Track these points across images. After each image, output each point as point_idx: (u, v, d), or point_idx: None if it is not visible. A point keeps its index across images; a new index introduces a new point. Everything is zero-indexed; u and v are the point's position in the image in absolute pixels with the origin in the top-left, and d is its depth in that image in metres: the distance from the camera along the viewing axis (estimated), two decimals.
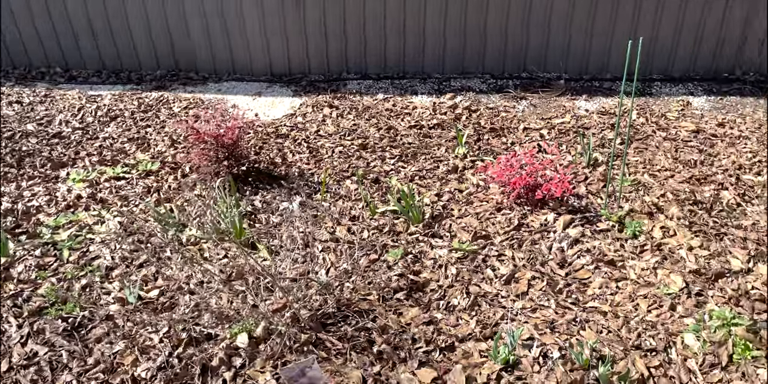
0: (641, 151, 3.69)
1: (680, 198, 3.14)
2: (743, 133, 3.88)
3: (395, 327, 2.30)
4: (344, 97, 4.62)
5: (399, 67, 4.98)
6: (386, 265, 2.69)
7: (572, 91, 4.67)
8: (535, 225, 2.99)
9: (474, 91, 4.74)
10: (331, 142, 3.91)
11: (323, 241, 2.84)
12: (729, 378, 2.07)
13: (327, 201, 3.21)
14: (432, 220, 3.05)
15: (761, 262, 2.65)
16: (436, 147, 3.86)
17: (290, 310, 2.26)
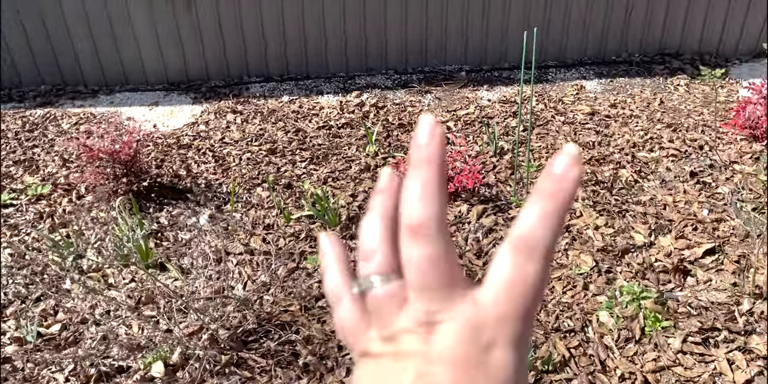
0: (543, 137, 3.81)
1: (583, 179, 3.26)
2: (634, 112, 4.09)
3: (320, 336, 2.25)
4: (248, 101, 4.48)
5: (302, 68, 4.89)
6: (306, 272, 2.62)
7: (474, 82, 4.76)
8: (449, 217, 3.01)
9: (380, 87, 4.73)
10: (237, 149, 3.78)
11: (237, 254, 2.74)
12: (643, 350, 2.17)
13: (238, 211, 3.10)
14: (349, 221, 3.02)
15: (662, 235, 2.80)
16: (347, 147, 3.82)
17: (207, 332, 2.16)
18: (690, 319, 2.27)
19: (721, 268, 2.58)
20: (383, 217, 0.37)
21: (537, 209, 0.33)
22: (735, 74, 4.72)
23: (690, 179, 3.26)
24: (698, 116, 4.01)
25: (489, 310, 0.32)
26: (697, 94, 4.38)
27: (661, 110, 4.12)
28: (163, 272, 2.63)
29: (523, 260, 0.32)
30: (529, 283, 0.32)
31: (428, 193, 0.34)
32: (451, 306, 0.33)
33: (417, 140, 0.35)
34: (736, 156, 3.47)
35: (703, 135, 3.73)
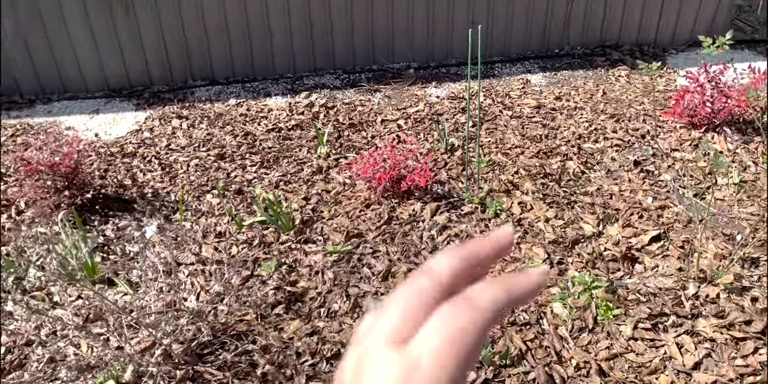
0: (492, 132, 3.86)
1: (532, 173, 3.32)
2: (578, 104, 4.18)
3: (278, 344, 2.22)
4: (193, 105, 4.39)
5: (248, 69, 4.81)
6: (260, 280, 2.59)
7: (422, 79, 4.78)
8: (404, 216, 3.02)
9: (328, 87, 4.70)
10: (185, 156, 3.69)
11: (189, 264, 2.68)
12: (596, 339, 2.22)
13: (188, 220, 3.03)
14: (303, 225, 2.99)
15: (609, 224, 2.88)
16: (298, 149, 3.78)
17: (160, 347, 2.10)
18: (639, 306, 2.34)
19: (666, 254, 2.66)
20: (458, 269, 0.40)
21: (491, 282, 0.37)
22: (672, 63, 4.88)
23: (634, 168, 3.36)
24: (639, 106, 4.13)
25: (413, 362, 0.34)
26: (637, 84, 4.51)
27: (603, 101, 4.23)
28: (111, 287, 2.55)
29: (462, 318, 0.35)
30: (463, 341, 0.34)
31: (458, 256, 0.40)
32: (381, 350, 0.35)
33: (490, 237, 0.42)
34: (676, 144, 3.59)
35: (645, 124, 3.84)
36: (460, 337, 0.34)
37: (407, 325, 0.35)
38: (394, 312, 0.36)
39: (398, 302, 0.37)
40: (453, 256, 0.39)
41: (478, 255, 0.40)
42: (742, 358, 2.09)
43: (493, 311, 0.35)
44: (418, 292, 0.37)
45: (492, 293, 0.36)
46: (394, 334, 0.35)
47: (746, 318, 2.24)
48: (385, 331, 0.36)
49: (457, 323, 0.34)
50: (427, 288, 0.37)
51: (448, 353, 0.34)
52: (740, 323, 2.23)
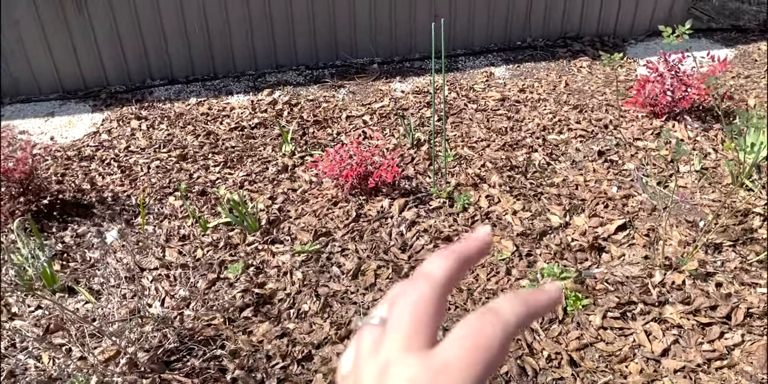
0: (458, 125, 3.85)
1: (498, 165, 3.33)
2: (542, 95, 4.21)
3: (247, 348, 2.17)
4: (152, 106, 4.28)
5: (208, 67, 4.71)
6: (227, 283, 2.53)
7: (386, 74, 4.75)
8: (372, 213, 2.99)
9: (291, 84, 4.63)
10: (145, 158, 3.59)
11: (152, 269, 2.60)
12: (567, 329, 2.24)
13: (150, 224, 2.95)
14: (269, 225, 2.94)
15: (576, 215, 2.90)
16: (262, 147, 3.72)
17: (125, 356, 2.04)
18: (608, 295, 2.36)
19: (632, 243, 2.69)
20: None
21: (512, 296, 0.39)
22: (632, 53, 4.94)
23: (598, 158, 3.39)
24: (601, 96, 4.18)
25: (439, 366, 0.34)
26: (599, 74, 4.56)
27: (566, 92, 4.26)
28: (72, 296, 2.46)
29: (488, 326, 0.36)
30: (488, 347, 0.35)
31: (450, 258, 0.40)
32: (404, 357, 0.35)
33: (471, 237, 0.42)
34: (638, 133, 3.63)
35: (608, 114, 3.88)
36: (486, 345, 0.35)
37: (420, 332, 0.36)
38: (404, 321, 0.37)
39: (405, 311, 0.37)
40: (446, 258, 0.40)
41: (467, 255, 0.41)
42: (708, 343, 2.13)
43: (515, 323, 0.37)
44: (422, 298, 0.38)
45: (515, 306, 0.38)
46: (410, 343, 0.36)
47: (711, 303, 2.28)
48: (400, 340, 0.36)
49: (484, 332, 0.35)
50: (430, 293, 0.38)
51: (475, 360, 0.34)
52: (706, 309, 2.26)
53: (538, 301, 0.39)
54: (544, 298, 0.39)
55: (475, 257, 0.42)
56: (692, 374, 2.03)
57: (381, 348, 0.36)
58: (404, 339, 0.36)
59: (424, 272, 0.39)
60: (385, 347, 0.36)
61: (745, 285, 2.38)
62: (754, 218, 2.76)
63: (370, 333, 0.38)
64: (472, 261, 0.41)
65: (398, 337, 0.36)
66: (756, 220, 2.74)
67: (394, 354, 0.36)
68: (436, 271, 0.39)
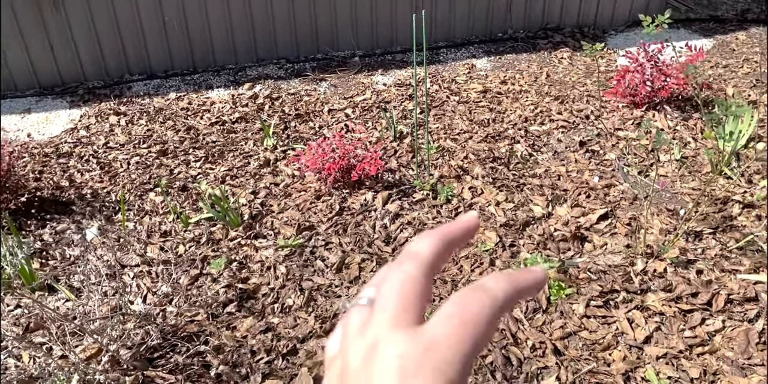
0: (440, 118, 3.85)
1: (481, 157, 3.33)
2: (523, 87, 4.21)
3: (231, 343, 2.16)
4: (131, 101, 4.22)
5: (187, 62, 4.65)
6: (210, 278, 2.51)
7: (368, 67, 4.73)
8: (356, 206, 2.98)
9: (272, 78, 4.59)
10: (124, 154, 3.55)
11: (134, 266, 2.57)
12: (551, 319, 2.25)
13: (131, 220, 2.91)
14: (252, 220, 2.91)
15: (558, 205, 2.91)
16: (244, 142, 3.68)
17: (107, 353, 2.01)
18: (591, 284, 2.38)
19: (614, 232, 2.71)
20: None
21: (499, 274, 0.38)
22: (612, 44, 4.97)
23: (580, 149, 3.41)
24: (582, 87, 4.20)
25: (428, 342, 0.34)
26: (579, 65, 4.58)
27: (548, 84, 4.27)
28: (52, 294, 2.43)
29: (477, 303, 0.35)
30: (477, 323, 0.35)
31: (436, 238, 0.40)
32: (393, 334, 0.35)
33: (457, 220, 0.42)
34: (619, 123, 3.66)
35: (589, 105, 3.90)
36: (475, 321, 0.35)
37: (408, 311, 0.36)
38: (392, 300, 0.36)
39: (392, 290, 0.37)
40: (432, 238, 0.40)
41: (453, 237, 0.41)
42: (690, 330, 2.15)
43: (503, 300, 0.37)
44: (408, 277, 0.37)
45: (502, 284, 0.38)
46: (398, 321, 0.35)
47: (692, 290, 2.30)
48: (388, 318, 0.36)
49: (472, 308, 0.35)
50: (416, 272, 0.38)
51: (464, 337, 0.34)
52: (687, 296, 2.29)
53: (525, 279, 0.39)
54: (530, 278, 0.40)
55: (461, 239, 0.41)
56: (674, 360, 2.05)
57: (369, 327, 0.36)
58: (392, 317, 0.36)
59: (411, 252, 0.39)
60: (373, 326, 0.36)
61: (726, 272, 2.40)
62: (733, 206, 2.79)
63: (358, 313, 0.38)
64: (457, 243, 0.41)
65: (386, 316, 0.36)
66: (735, 208, 2.78)
67: (382, 332, 0.35)
68: (423, 250, 0.39)
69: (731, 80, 4.20)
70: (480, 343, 0.35)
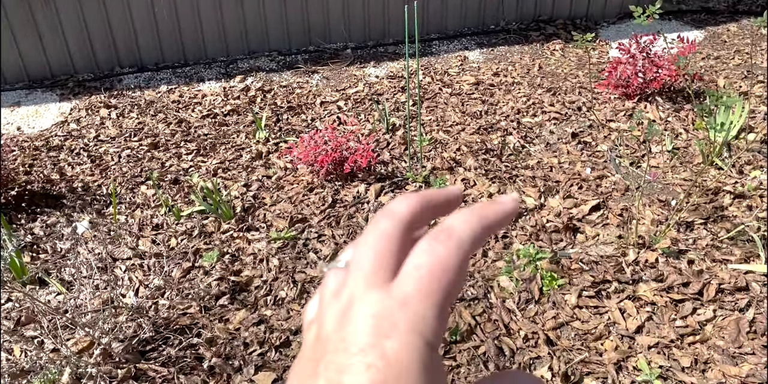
0: (432, 110, 3.84)
1: (473, 149, 3.33)
2: (515, 79, 4.21)
3: (224, 336, 2.16)
4: (122, 94, 4.19)
5: (179, 54, 4.62)
6: (202, 271, 2.50)
7: (360, 59, 4.71)
8: (348, 199, 2.98)
9: (264, 70, 4.57)
10: (115, 147, 3.52)
11: (126, 259, 2.56)
12: (543, 309, 2.26)
13: (122, 213, 2.89)
14: (244, 213, 2.91)
15: (550, 196, 2.92)
16: (236, 134, 3.67)
17: (99, 347, 2.01)
18: (583, 275, 2.39)
19: (606, 223, 2.72)
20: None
21: (463, 211, 0.36)
22: (604, 36, 4.97)
23: (572, 140, 3.41)
24: (574, 79, 4.19)
25: (401, 298, 0.33)
26: (571, 57, 4.57)
27: (540, 75, 4.27)
28: (43, 287, 2.41)
29: (442, 249, 0.34)
30: (445, 270, 0.33)
31: (415, 198, 0.38)
32: (366, 294, 0.34)
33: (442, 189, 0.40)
34: (611, 114, 3.66)
35: (581, 96, 3.90)
36: (443, 270, 0.34)
37: (383, 268, 0.35)
38: (367, 258, 0.35)
39: (367, 248, 0.36)
40: (411, 198, 0.38)
41: (434, 200, 0.39)
42: (681, 319, 2.17)
43: (470, 240, 0.35)
44: (384, 235, 0.36)
45: (468, 222, 0.36)
46: (373, 279, 0.34)
47: (684, 280, 2.31)
48: (363, 277, 0.35)
49: (439, 257, 0.34)
50: (392, 230, 0.36)
51: (434, 288, 0.33)
52: (678, 285, 2.30)
53: (494, 213, 0.37)
54: (499, 210, 0.37)
55: (443, 205, 0.39)
56: (666, 350, 2.07)
57: (344, 288, 0.35)
58: (366, 276, 0.34)
59: (387, 210, 0.37)
60: (347, 287, 0.35)
61: (717, 261, 2.42)
62: (724, 196, 2.81)
63: (335, 276, 0.37)
64: (439, 209, 0.39)
65: (360, 275, 0.35)
66: (726, 198, 2.79)
67: (357, 292, 0.34)
68: (399, 208, 0.37)
69: (722, 72, 4.21)
70: (452, 291, 0.34)
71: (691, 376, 1.96)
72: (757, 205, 2.74)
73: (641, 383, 1.96)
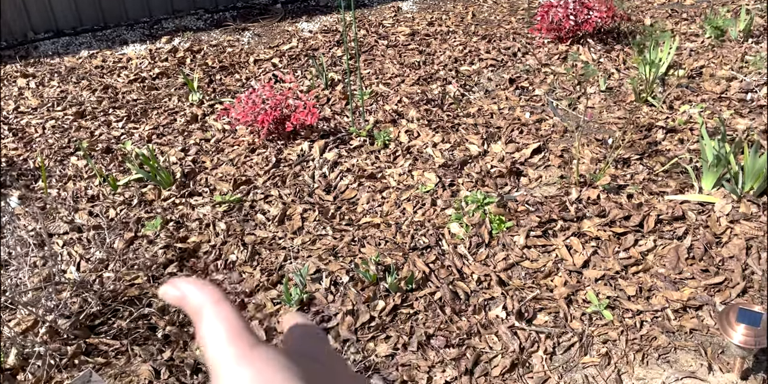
0: (370, 63, 3.77)
1: (415, 100, 3.30)
2: (450, 28, 4.17)
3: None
4: (39, 61, 3.92)
5: (96, 17, 4.34)
6: (147, 240, 2.42)
7: (292, 14, 4.55)
8: (292, 157, 2.92)
9: (191, 29, 4.36)
10: (38, 118, 3.32)
11: (63, 234, 2.45)
12: (494, 252, 2.30)
13: (53, 187, 2.75)
14: (185, 178, 2.81)
15: (493, 142, 2.94)
16: (167, 98, 3.51)
17: (44, 325, 1.93)
18: (529, 216, 2.44)
19: (548, 164, 2.77)
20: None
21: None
22: None
23: (510, 86, 3.43)
24: (508, 25, 4.19)
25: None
26: (503, 3, 4.55)
27: (474, 23, 4.24)
28: None
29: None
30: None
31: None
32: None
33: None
34: (546, 59, 3.69)
35: (515, 42, 3.90)
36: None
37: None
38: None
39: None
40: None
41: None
42: (624, 251, 2.26)
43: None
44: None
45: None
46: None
47: (625, 214, 2.40)
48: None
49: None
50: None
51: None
52: (620, 219, 2.39)
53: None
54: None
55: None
56: (612, 281, 2.15)
57: None
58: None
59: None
60: None
61: (654, 194, 2.51)
62: (657, 131, 2.90)
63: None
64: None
65: None
66: (659, 133, 2.88)
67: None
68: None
69: (648, 11, 4.28)
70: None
71: (637, 303, 2.06)
72: (688, 138, 2.84)
73: (591, 314, 2.04)
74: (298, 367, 0.31)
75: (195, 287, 0.32)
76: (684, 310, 2.03)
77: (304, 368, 0.31)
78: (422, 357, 1.93)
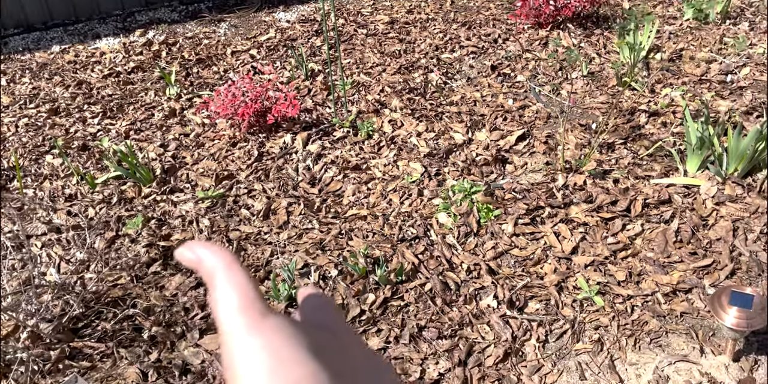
0: (350, 52, 3.72)
1: (397, 89, 3.26)
2: (430, 15, 4.12)
3: (161, 303, 2.06)
4: (9, 58, 3.81)
5: (67, 10, 4.22)
6: (128, 239, 2.36)
7: (268, 4, 4.46)
8: (275, 150, 2.87)
9: (166, 22, 4.26)
10: (10, 116, 3.22)
11: (40, 235, 2.38)
12: (482, 241, 2.28)
13: (29, 187, 2.67)
14: (165, 174, 2.75)
15: (477, 130, 2.92)
16: (144, 93, 3.43)
17: (26, 330, 1.87)
18: (517, 203, 2.42)
19: (533, 151, 2.75)
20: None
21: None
22: None
23: (492, 73, 3.40)
24: (487, 11, 4.15)
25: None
26: None
27: (453, 10, 4.20)
28: None
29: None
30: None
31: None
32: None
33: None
34: (527, 44, 3.66)
35: (495, 29, 3.87)
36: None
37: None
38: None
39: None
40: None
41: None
42: (613, 236, 2.25)
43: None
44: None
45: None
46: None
47: (612, 199, 2.39)
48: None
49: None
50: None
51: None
52: (607, 204, 2.38)
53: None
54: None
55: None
56: (601, 267, 2.15)
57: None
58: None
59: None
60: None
61: (639, 178, 2.51)
62: (640, 115, 2.89)
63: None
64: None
65: None
66: (642, 117, 2.88)
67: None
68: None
69: None
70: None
71: (627, 288, 2.06)
72: (671, 121, 2.84)
73: (582, 301, 2.04)
74: (308, 337, 0.31)
75: (209, 251, 0.33)
76: (674, 294, 2.03)
77: (314, 338, 0.32)
78: (415, 349, 1.91)
